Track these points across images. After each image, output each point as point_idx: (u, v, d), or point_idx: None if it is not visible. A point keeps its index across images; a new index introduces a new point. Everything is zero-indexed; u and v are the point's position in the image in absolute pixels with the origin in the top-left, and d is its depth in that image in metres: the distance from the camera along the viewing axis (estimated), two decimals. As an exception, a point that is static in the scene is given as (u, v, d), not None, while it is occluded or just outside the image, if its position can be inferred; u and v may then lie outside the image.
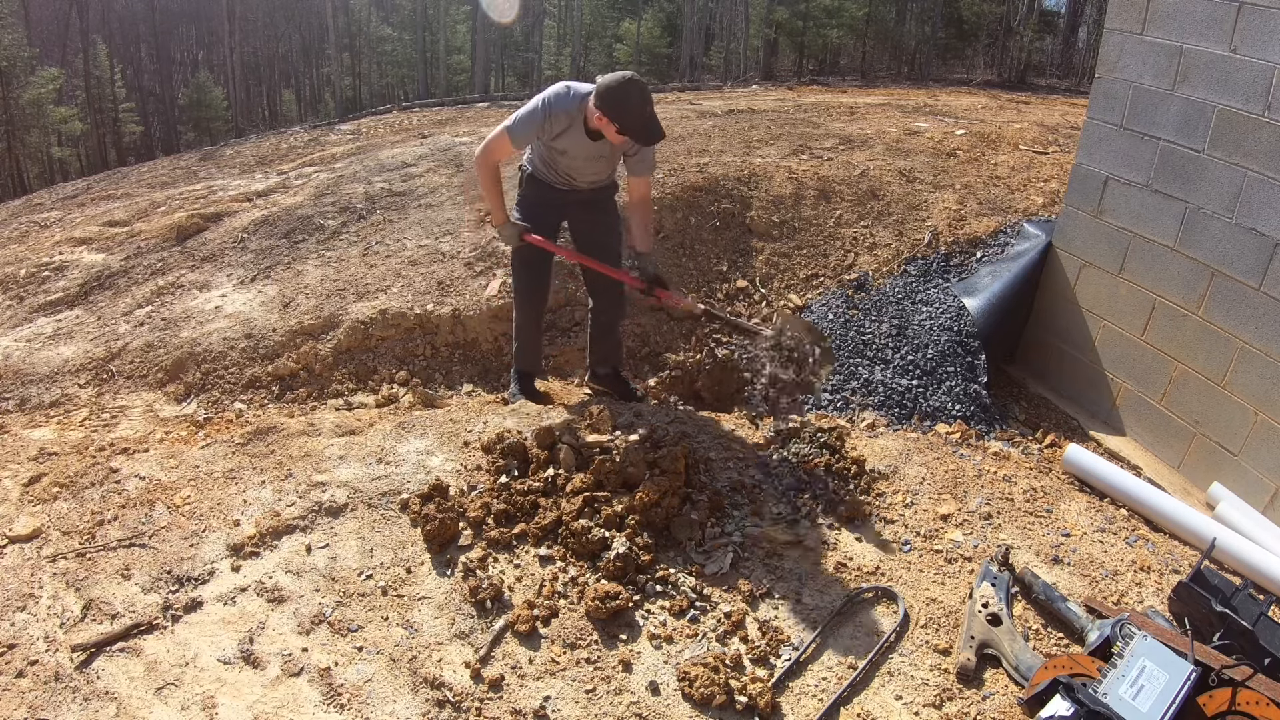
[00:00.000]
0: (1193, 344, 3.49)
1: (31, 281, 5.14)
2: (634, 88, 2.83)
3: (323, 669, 2.14)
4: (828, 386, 3.95)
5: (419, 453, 2.96)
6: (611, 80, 2.83)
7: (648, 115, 2.86)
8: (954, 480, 2.90)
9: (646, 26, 28.43)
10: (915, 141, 6.33)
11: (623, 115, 2.83)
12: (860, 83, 18.25)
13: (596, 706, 2.04)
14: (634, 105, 2.83)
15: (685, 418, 3.23)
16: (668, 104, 9.47)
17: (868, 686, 2.10)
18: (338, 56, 28.47)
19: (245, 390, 3.96)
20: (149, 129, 32.00)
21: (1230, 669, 1.90)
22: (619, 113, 2.82)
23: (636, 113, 2.83)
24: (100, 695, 2.07)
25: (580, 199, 3.38)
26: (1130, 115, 3.71)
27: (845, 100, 9.92)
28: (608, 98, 2.82)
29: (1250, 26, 3.13)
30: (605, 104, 2.83)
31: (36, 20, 28.70)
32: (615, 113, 2.83)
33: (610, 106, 2.82)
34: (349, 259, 4.89)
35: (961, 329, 4.09)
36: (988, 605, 2.24)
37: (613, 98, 2.81)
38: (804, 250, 4.91)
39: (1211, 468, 3.41)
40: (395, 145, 7.68)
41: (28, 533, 2.64)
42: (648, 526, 2.51)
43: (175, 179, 8.36)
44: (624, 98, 2.81)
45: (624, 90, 2.81)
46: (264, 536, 2.57)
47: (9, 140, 20.95)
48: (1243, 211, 3.21)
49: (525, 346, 3.72)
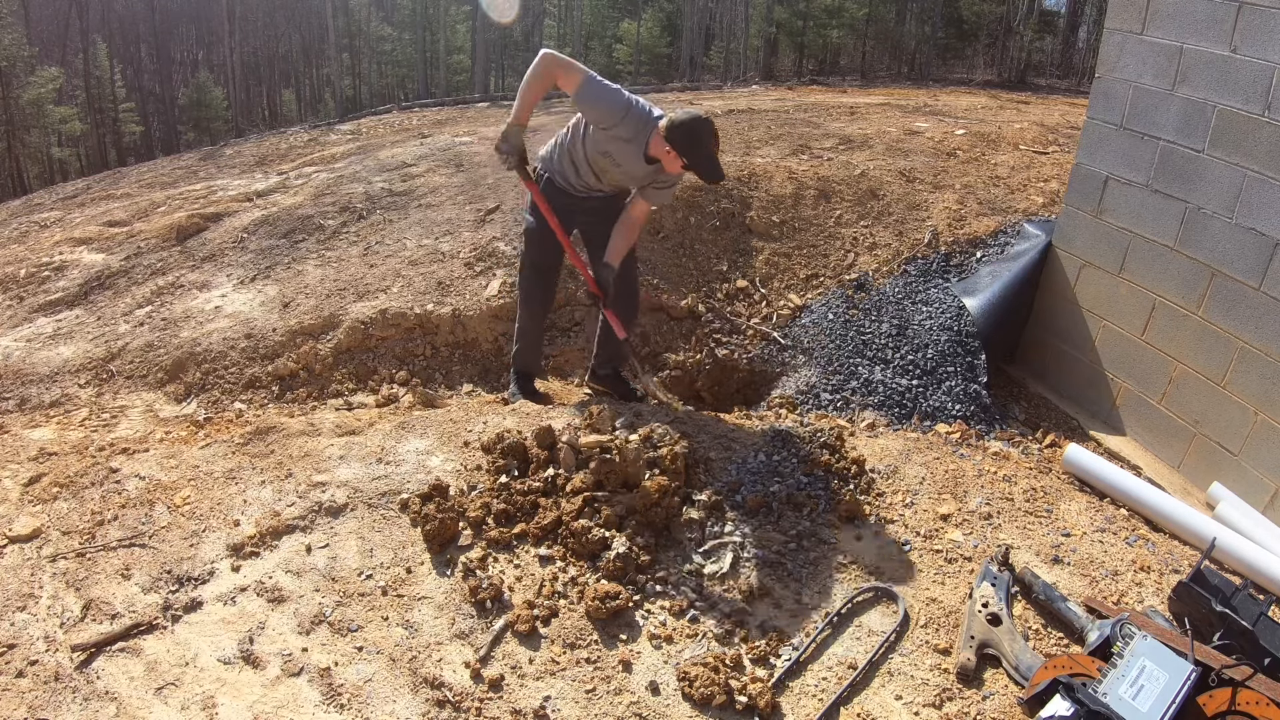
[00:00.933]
0: (1193, 344, 3.48)
1: (31, 281, 5.14)
2: (707, 127, 2.88)
3: (323, 669, 2.14)
4: (828, 386, 3.95)
5: (419, 453, 2.96)
6: (685, 117, 2.87)
7: (714, 155, 2.93)
8: (954, 480, 2.90)
9: (646, 26, 28.43)
10: (915, 141, 6.33)
11: (693, 152, 2.88)
12: (860, 83, 18.25)
13: (596, 706, 2.04)
14: (705, 144, 2.88)
15: (685, 418, 3.23)
16: (667, 104, 9.47)
17: (868, 686, 2.10)
18: (338, 56, 28.47)
19: (245, 390, 3.96)
20: (149, 129, 32.00)
21: (1230, 669, 1.90)
22: (689, 148, 2.87)
23: (706, 152, 2.90)
24: (100, 695, 2.07)
25: (593, 206, 3.38)
26: (1130, 115, 3.71)
27: (845, 100, 9.92)
28: (681, 132, 2.86)
29: (1250, 26, 3.13)
30: (678, 139, 2.87)
31: (36, 20, 28.70)
32: (686, 148, 2.87)
33: (682, 141, 2.87)
34: (349, 259, 4.89)
35: (961, 329, 4.09)
36: (988, 605, 2.24)
37: (687, 133, 2.86)
38: (804, 250, 4.91)
39: (1211, 468, 3.41)
40: (395, 145, 7.68)
41: (28, 533, 2.64)
42: (648, 526, 2.51)
43: (175, 179, 8.36)
44: (697, 136, 2.86)
45: (698, 128, 2.86)
46: (264, 536, 2.57)
47: (9, 140, 20.95)
48: (1243, 211, 3.21)
49: (527, 348, 3.73)
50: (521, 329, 3.68)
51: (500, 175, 5.94)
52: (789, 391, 3.99)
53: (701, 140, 2.88)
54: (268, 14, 39.00)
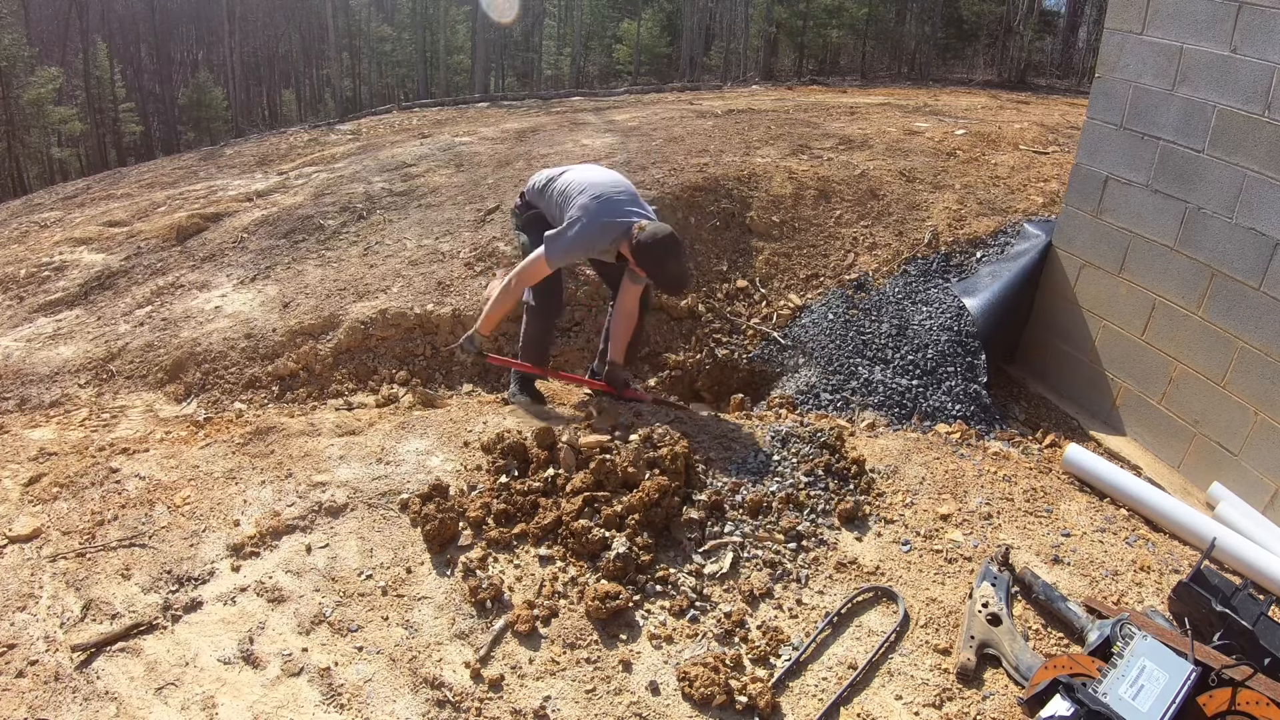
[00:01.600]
0: (1193, 344, 3.48)
1: (31, 281, 5.14)
2: (670, 247, 2.96)
3: (323, 669, 2.14)
4: (828, 386, 3.95)
5: (419, 453, 2.96)
6: (649, 239, 2.95)
7: (680, 273, 3.03)
8: (954, 480, 2.90)
9: (646, 26, 28.42)
10: (915, 141, 6.33)
11: (658, 272, 2.99)
12: (860, 83, 18.24)
13: (596, 706, 2.04)
14: (666, 264, 2.98)
15: (685, 418, 3.23)
16: (667, 104, 9.47)
17: (868, 686, 2.10)
18: (338, 56, 28.47)
19: (245, 390, 3.96)
20: (149, 129, 32.00)
21: (1230, 669, 1.90)
22: (656, 268, 2.98)
23: (671, 271, 3.00)
24: (100, 695, 2.07)
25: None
26: (1130, 115, 3.71)
27: (845, 100, 9.92)
28: (646, 254, 2.96)
29: (1250, 26, 3.13)
30: (644, 260, 2.98)
31: (36, 20, 28.70)
32: (652, 268, 2.99)
33: (648, 263, 2.98)
34: (349, 259, 4.89)
35: (961, 329, 4.09)
36: (988, 605, 2.24)
37: (650, 256, 2.96)
38: (804, 250, 4.91)
39: (1211, 468, 3.41)
40: (395, 145, 7.68)
41: (28, 533, 2.64)
42: (648, 526, 2.51)
43: (175, 179, 8.36)
44: (659, 258, 2.96)
45: (660, 251, 2.95)
46: (264, 536, 2.57)
47: (9, 140, 20.94)
48: (1243, 211, 3.21)
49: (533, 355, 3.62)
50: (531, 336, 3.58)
51: (500, 175, 5.94)
52: (789, 391, 3.99)
53: (664, 261, 2.96)
54: (268, 14, 39.00)
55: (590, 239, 3.06)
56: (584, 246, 3.10)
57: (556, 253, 3.09)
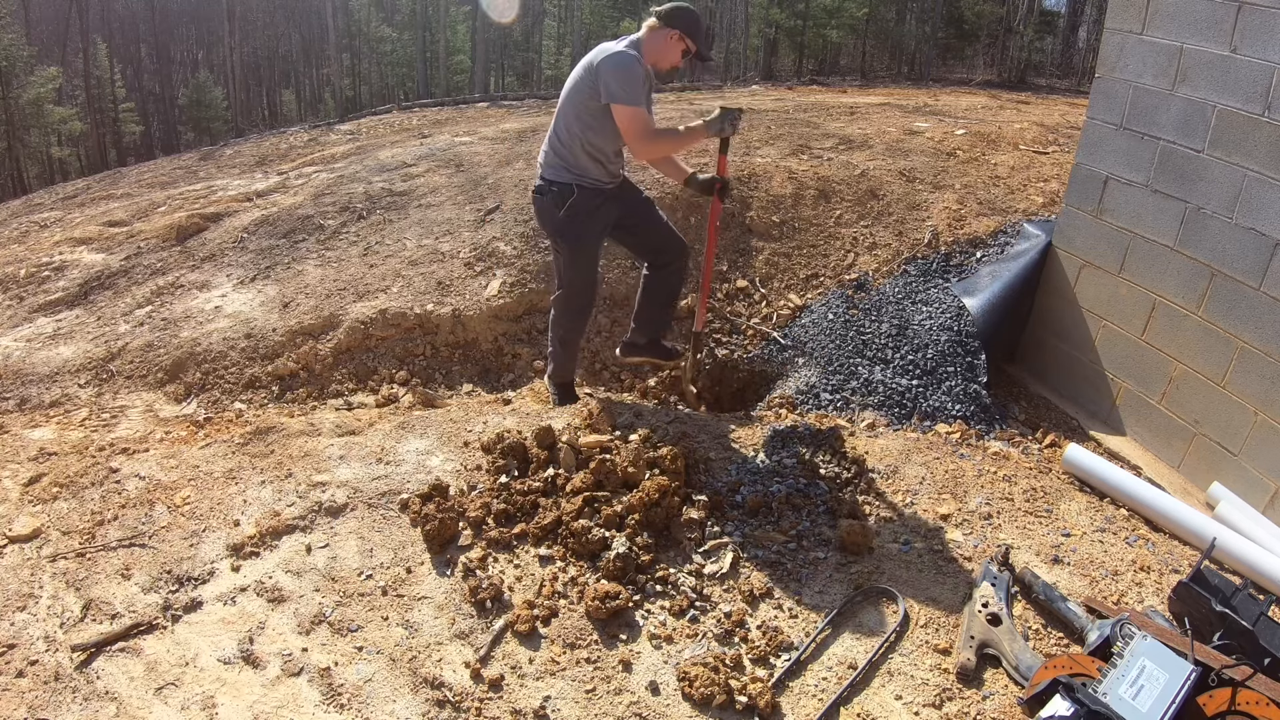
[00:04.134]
0: (1193, 344, 3.48)
1: (31, 281, 5.14)
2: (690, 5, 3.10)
3: (323, 669, 2.14)
4: (828, 386, 3.95)
5: (419, 453, 2.96)
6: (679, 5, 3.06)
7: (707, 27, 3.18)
8: (954, 480, 2.90)
9: (646, 26, 28.37)
10: (915, 141, 6.33)
11: (696, 29, 3.07)
12: (860, 83, 18.24)
13: (596, 706, 2.04)
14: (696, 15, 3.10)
15: (685, 418, 3.23)
16: (668, 104, 9.47)
17: (868, 686, 2.10)
18: (338, 56, 28.46)
19: (245, 390, 3.96)
20: (149, 129, 32.01)
21: (1230, 669, 1.90)
22: (695, 27, 3.07)
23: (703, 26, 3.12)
24: (100, 695, 2.07)
25: (617, 193, 3.26)
26: (1130, 115, 3.71)
27: (845, 100, 9.92)
28: (686, 16, 3.05)
29: (1250, 26, 3.13)
30: (684, 22, 3.04)
31: (36, 20, 28.71)
32: (692, 27, 3.06)
33: (689, 23, 3.05)
34: (349, 259, 4.89)
35: (961, 329, 4.09)
36: (988, 605, 2.24)
37: (691, 16, 3.06)
38: (804, 250, 4.91)
39: (1211, 468, 3.41)
40: (395, 145, 7.68)
41: (28, 533, 2.64)
42: (648, 526, 2.51)
43: (175, 179, 8.36)
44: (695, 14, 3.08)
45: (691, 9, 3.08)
46: (264, 536, 2.57)
47: (9, 140, 20.95)
48: (1243, 211, 3.21)
49: (567, 360, 3.54)
50: (565, 340, 3.45)
51: (500, 175, 5.93)
52: (789, 391, 3.99)
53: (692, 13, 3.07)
54: (268, 14, 39.01)
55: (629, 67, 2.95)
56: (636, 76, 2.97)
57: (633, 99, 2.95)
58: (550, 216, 3.16)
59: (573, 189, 3.09)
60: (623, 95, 2.92)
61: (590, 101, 3.01)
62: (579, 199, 3.10)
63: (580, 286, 3.30)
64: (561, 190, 3.09)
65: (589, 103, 3.01)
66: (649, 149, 3.05)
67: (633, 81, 2.94)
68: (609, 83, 2.93)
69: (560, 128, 3.11)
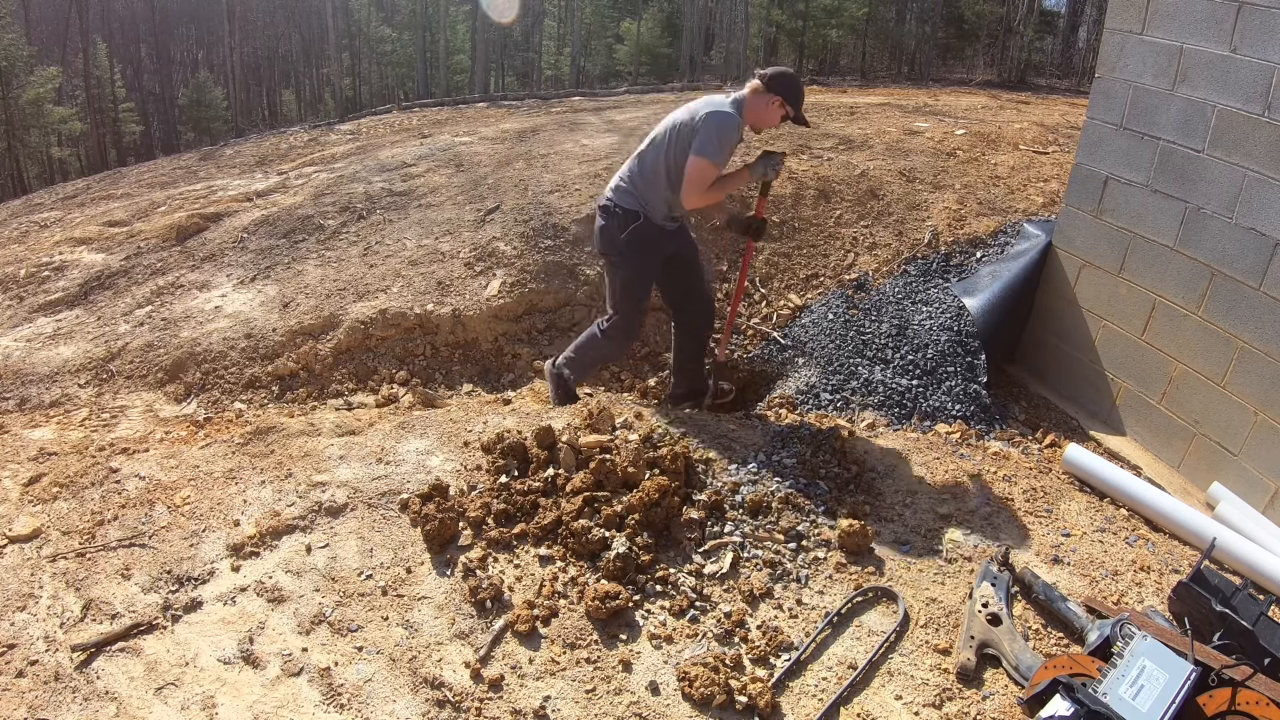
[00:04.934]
0: (1193, 344, 3.48)
1: (31, 281, 5.14)
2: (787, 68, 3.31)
3: (323, 669, 2.14)
4: (828, 386, 3.95)
5: (419, 453, 2.96)
6: (783, 71, 3.19)
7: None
8: (954, 480, 2.90)
9: (646, 26, 28.41)
10: (915, 141, 6.33)
11: (798, 97, 3.18)
12: (860, 82, 18.23)
13: (596, 706, 2.04)
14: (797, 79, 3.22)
15: (685, 418, 3.23)
16: (668, 104, 9.47)
17: (868, 686, 2.10)
18: (338, 56, 28.47)
19: (245, 390, 3.96)
20: (149, 129, 32.01)
21: (1230, 669, 1.90)
22: (797, 96, 3.17)
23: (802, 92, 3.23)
24: (100, 695, 2.07)
25: (673, 233, 3.47)
26: (1130, 115, 3.71)
27: (845, 100, 9.91)
28: (790, 84, 3.17)
29: (1250, 26, 3.12)
30: (787, 89, 3.15)
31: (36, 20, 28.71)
32: (795, 96, 3.17)
33: (791, 91, 3.15)
34: (349, 259, 4.89)
35: (961, 329, 4.09)
36: (988, 605, 2.24)
37: (794, 84, 3.18)
38: (804, 250, 4.91)
39: (1211, 468, 3.41)
40: (395, 145, 7.67)
41: (28, 533, 2.64)
42: (648, 526, 2.51)
43: (175, 179, 8.36)
44: (797, 82, 3.20)
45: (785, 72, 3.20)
46: (264, 536, 2.57)
47: (9, 140, 20.95)
48: (1243, 211, 3.21)
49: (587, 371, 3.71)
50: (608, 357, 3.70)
51: (500, 175, 5.94)
52: (789, 391, 3.99)
53: (794, 79, 3.19)
54: (268, 14, 39.01)
55: (729, 130, 3.12)
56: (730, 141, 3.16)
57: (715, 153, 3.11)
58: (612, 237, 3.33)
59: (639, 216, 3.29)
60: (709, 151, 3.10)
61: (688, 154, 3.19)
62: (643, 225, 3.29)
63: (631, 315, 3.47)
64: (627, 215, 3.29)
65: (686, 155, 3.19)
66: (699, 199, 3.21)
67: (725, 144, 3.13)
68: (706, 136, 3.10)
69: (647, 166, 3.30)
